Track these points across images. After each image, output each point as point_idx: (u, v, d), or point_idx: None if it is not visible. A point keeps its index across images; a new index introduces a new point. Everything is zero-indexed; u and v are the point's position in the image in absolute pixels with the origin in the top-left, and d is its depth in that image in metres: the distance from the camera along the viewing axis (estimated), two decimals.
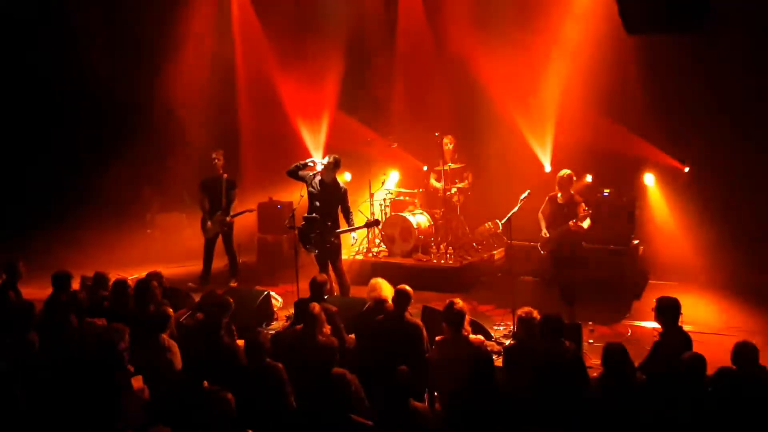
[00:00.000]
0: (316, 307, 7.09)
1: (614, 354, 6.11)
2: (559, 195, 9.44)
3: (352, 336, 7.74)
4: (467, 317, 7.01)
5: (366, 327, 7.56)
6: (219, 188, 11.15)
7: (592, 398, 5.98)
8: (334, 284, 9.89)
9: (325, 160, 9.87)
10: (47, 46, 12.98)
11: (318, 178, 9.91)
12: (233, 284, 11.10)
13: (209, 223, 11.24)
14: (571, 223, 9.19)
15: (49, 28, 13.00)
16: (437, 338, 7.06)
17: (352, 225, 9.97)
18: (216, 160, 11.23)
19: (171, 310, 7.35)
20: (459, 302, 6.95)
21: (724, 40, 10.35)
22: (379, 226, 11.21)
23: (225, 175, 11.25)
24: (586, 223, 9.16)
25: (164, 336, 6.99)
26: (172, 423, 5.33)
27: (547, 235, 9.49)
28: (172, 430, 5.26)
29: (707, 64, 10.99)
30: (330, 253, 9.84)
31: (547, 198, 9.61)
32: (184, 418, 5.40)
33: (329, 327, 7.20)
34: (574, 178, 9.59)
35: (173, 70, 13.41)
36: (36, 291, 8.90)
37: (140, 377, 6.41)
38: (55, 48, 13.04)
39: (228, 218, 11.19)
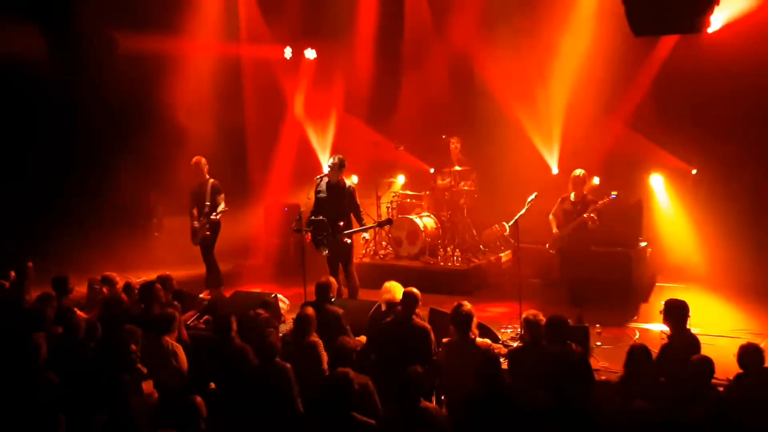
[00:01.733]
0: (308, 309, 7.17)
1: (637, 355, 6.10)
2: (572, 195, 9.46)
3: (362, 338, 7.76)
4: (475, 320, 7.02)
5: (375, 329, 7.57)
6: (204, 193, 10.81)
7: (613, 398, 5.96)
8: (343, 287, 9.89)
9: (330, 162, 9.88)
10: (49, 46, 13.01)
11: (325, 180, 9.91)
12: (204, 295, 10.53)
13: (196, 226, 10.85)
14: (585, 214, 9.19)
15: (50, 29, 13.02)
16: (444, 340, 7.06)
17: (363, 224, 9.96)
18: (198, 166, 10.87)
19: (175, 312, 7.37)
20: (467, 305, 6.95)
21: (731, 40, 10.33)
22: (392, 225, 11.15)
23: (211, 180, 10.91)
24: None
25: (167, 338, 7.01)
26: (178, 426, 5.34)
27: (557, 233, 9.49)
28: None
29: (714, 65, 10.94)
30: (342, 254, 9.84)
31: (559, 199, 9.61)
32: (190, 421, 5.41)
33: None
34: (588, 178, 9.61)
35: (179, 72, 13.42)
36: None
37: (151, 380, 6.44)
38: (58, 49, 13.06)
39: (213, 215, 10.72)
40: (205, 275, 11.10)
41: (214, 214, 10.76)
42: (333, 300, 8.15)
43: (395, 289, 7.83)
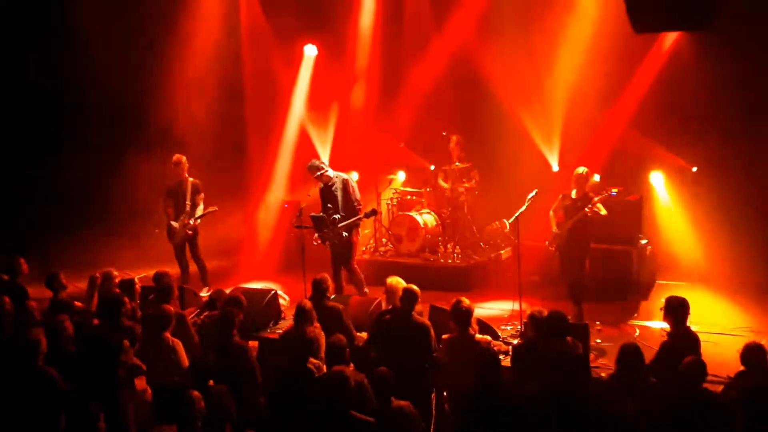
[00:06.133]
0: (307, 303, 7.22)
1: (629, 353, 6.10)
2: (573, 192, 9.42)
3: (364, 334, 7.75)
4: (474, 315, 7.02)
5: (375, 325, 7.57)
6: (184, 192, 10.79)
7: (603, 397, 5.96)
8: (348, 284, 9.90)
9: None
10: (49, 48, 12.98)
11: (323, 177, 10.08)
12: (204, 293, 10.48)
13: (175, 226, 10.84)
14: (587, 209, 9.15)
15: (50, 30, 13.00)
16: (444, 337, 7.06)
17: (357, 215, 10.00)
18: (178, 165, 10.84)
19: (172, 309, 7.37)
20: (466, 300, 6.97)
21: (732, 37, 10.31)
22: (376, 215, 11.16)
23: (190, 179, 10.89)
24: (603, 211, 9.13)
25: (167, 335, 7.01)
26: (176, 422, 5.34)
27: (557, 231, 9.47)
28: (177, 429, 5.27)
29: (715, 62, 10.93)
30: (341, 249, 9.86)
31: (560, 196, 9.58)
32: (189, 417, 5.40)
33: (318, 324, 7.24)
34: (590, 176, 9.58)
35: (179, 69, 13.40)
36: (44, 292, 8.91)
37: (143, 377, 6.44)
38: (58, 49, 13.03)
39: (192, 221, 10.76)
40: (199, 273, 11.09)
41: (194, 219, 10.76)
42: (332, 297, 8.14)
43: (398, 285, 7.79)
